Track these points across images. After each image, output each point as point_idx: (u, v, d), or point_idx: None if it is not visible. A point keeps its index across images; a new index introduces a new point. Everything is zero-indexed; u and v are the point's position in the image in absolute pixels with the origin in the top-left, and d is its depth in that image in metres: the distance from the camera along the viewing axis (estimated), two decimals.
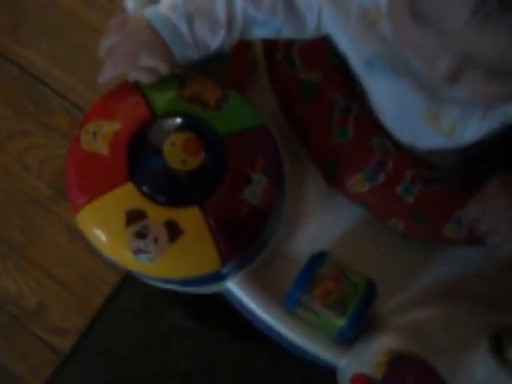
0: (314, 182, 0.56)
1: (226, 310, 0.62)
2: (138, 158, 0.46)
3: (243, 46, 0.52)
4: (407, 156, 0.51)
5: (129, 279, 0.85)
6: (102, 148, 0.46)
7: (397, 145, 0.52)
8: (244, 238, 0.48)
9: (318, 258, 0.52)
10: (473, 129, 0.49)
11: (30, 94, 0.98)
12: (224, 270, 0.50)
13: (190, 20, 0.48)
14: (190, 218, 0.46)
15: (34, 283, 0.88)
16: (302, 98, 0.53)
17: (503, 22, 0.34)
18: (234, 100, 0.50)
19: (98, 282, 0.87)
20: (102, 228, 0.46)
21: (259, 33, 0.50)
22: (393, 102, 0.50)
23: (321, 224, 0.55)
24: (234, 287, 0.54)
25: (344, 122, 0.52)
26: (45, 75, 0.98)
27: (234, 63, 0.56)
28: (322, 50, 0.52)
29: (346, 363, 0.52)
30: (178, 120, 0.47)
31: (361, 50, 0.46)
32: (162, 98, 0.48)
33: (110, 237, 0.46)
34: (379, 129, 0.52)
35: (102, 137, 0.46)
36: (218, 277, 0.51)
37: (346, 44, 0.47)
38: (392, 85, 0.47)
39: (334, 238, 0.55)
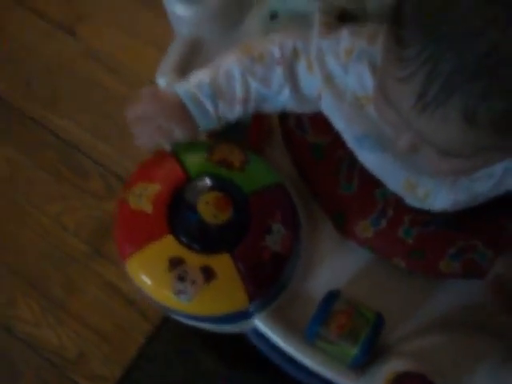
0: (326, 230, 0.64)
1: (257, 355, 0.68)
2: (177, 213, 0.55)
3: (260, 115, 0.62)
4: (405, 203, 0.60)
5: (162, 327, 0.93)
6: (146, 206, 0.55)
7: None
8: (268, 279, 0.56)
9: (332, 296, 0.60)
10: (442, 198, 0.57)
11: (67, 161, 1.08)
12: (251, 308, 0.57)
13: (214, 99, 0.57)
14: (222, 263, 0.54)
15: (74, 334, 0.96)
16: (312, 158, 0.62)
17: (437, 114, 0.41)
18: (255, 162, 0.59)
19: (132, 332, 0.94)
20: (148, 273, 0.55)
21: (268, 107, 0.59)
22: (379, 171, 0.58)
23: (333, 266, 0.63)
24: (261, 324, 0.62)
25: (350, 177, 0.61)
26: (79, 143, 1.08)
27: (253, 129, 0.65)
28: None
29: None
30: (209, 181, 0.56)
31: (352, 129, 0.55)
32: (195, 163, 0.58)
33: (155, 280, 0.54)
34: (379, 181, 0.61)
35: (146, 197, 0.55)
36: (246, 314, 0.59)
37: (340, 123, 0.56)
38: (377, 158, 0.56)
39: (345, 278, 0.63)
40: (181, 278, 0.54)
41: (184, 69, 0.68)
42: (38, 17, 1.19)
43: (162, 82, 0.69)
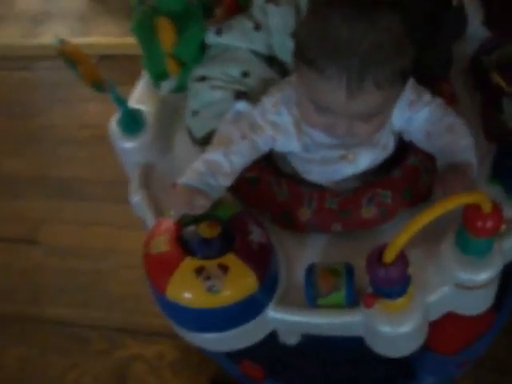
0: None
1: None
2: (186, 241, 0.79)
3: None
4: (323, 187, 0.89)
5: None
6: (163, 248, 0.79)
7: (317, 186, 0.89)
8: (264, 261, 0.80)
9: (310, 269, 0.83)
10: (365, 158, 0.87)
11: (68, 337, 1.26)
12: (262, 289, 0.79)
13: (215, 176, 0.82)
14: (230, 259, 0.78)
15: None
16: (249, 184, 0.90)
17: (359, 94, 0.74)
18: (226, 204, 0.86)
19: None
20: (184, 289, 0.76)
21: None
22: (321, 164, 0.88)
23: (303, 252, 0.88)
24: (273, 311, 0.83)
25: (280, 187, 0.89)
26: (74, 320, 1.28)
27: None
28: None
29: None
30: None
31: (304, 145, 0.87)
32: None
33: (190, 289, 0.76)
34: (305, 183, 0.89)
35: (161, 243, 0.79)
36: (261, 301, 0.81)
37: (292, 147, 0.87)
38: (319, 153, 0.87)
39: (315, 255, 0.87)
40: (207, 278, 0.76)
41: (147, 184, 0.96)
42: None
43: (135, 199, 0.96)
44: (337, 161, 0.88)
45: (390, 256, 0.69)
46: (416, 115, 0.85)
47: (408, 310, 0.79)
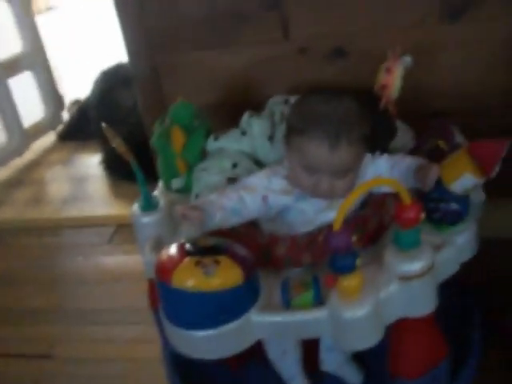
0: None
1: None
2: (189, 250, 1.03)
3: None
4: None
5: None
6: (171, 252, 1.03)
7: None
8: (248, 265, 1.03)
9: (284, 281, 1.06)
10: None
11: None
12: (247, 285, 1.01)
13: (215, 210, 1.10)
14: (222, 257, 1.01)
15: None
16: (237, 235, 1.16)
17: (336, 150, 1.07)
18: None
19: None
20: (186, 275, 0.99)
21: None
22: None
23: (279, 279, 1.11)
24: (256, 314, 1.03)
25: (261, 235, 1.15)
26: None
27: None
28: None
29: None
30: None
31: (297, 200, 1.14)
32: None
33: (191, 274, 0.98)
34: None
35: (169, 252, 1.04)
36: (245, 299, 1.02)
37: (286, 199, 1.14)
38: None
39: None
40: (204, 266, 0.99)
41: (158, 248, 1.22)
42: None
43: (147, 259, 1.21)
44: (325, 209, 1.14)
45: (337, 224, 0.94)
46: (378, 162, 1.18)
47: (362, 295, 1.00)
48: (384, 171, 1.17)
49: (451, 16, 1.51)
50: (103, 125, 1.18)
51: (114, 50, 2.61)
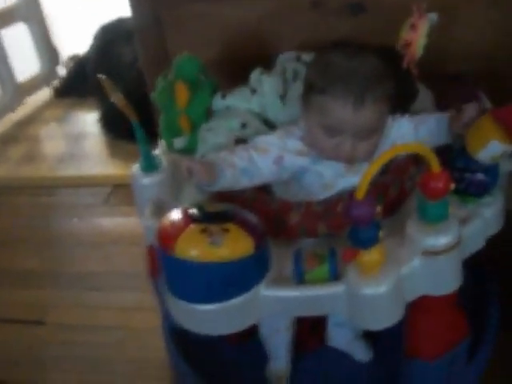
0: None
1: None
2: (194, 216, 0.94)
3: None
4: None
5: None
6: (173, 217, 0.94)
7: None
8: (259, 234, 0.94)
9: (297, 251, 0.97)
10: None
11: None
12: (257, 258, 0.93)
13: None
14: (231, 225, 0.92)
15: None
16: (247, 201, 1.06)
17: (362, 108, 0.99)
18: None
19: None
20: (191, 243, 0.90)
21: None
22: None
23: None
24: (265, 288, 0.95)
25: (273, 201, 1.06)
26: None
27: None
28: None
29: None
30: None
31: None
32: None
33: (197, 244, 0.90)
34: None
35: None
36: (254, 271, 0.93)
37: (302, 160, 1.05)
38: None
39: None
40: (210, 234, 0.90)
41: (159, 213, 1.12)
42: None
43: (148, 223, 1.11)
44: (344, 173, 1.05)
45: (360, 192, 0.85)
46: (400, 122, 1.09)
47: (383, 271, 0.91)
48: (407, 132, 1.08)
49: None
50: (101, 76, 1.07)
51: (115, 5, 2.47)
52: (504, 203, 1.06)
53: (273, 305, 0.96)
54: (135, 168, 1.19)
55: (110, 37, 2.47)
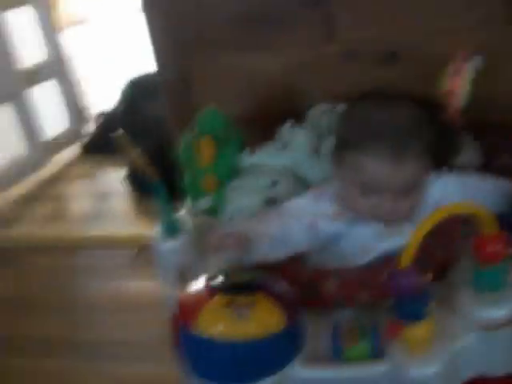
0: None
1: None
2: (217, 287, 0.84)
3: None
4: None
5: None
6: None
7: None
8: (290, 306, 0.84)
9: (336, 325, 0.87)
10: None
11: None
12: (287, 335, 0.82)
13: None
14: (259, 296, 0.82)
15: None
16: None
17: (400, 165, 0.90)
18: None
19: None
20: (214, 318, 0.80)
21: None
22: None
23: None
24: (299, 370, 0.84)
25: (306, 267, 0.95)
26: None
27: None
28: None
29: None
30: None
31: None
32: None
33: (221, 318, 0.80)
34: None
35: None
36: (284, 349, 0.83)
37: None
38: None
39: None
40: (236, 307, 0.80)
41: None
42: None
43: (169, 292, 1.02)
44: (385, 234, 0.95)
45: (407, 258, 0.74)
46: (446, 180, 1.00)
47: (433, 348, 0.80)
48: (453, 191, 0.98)
49: None
50: (118, 133, 1.00)
51: (143, 63, 2.45)
52: None
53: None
54: (156, 231, 1.11)
55: (138, 91, 2.45)
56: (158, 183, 1.04)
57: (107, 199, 2.34)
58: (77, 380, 1.47)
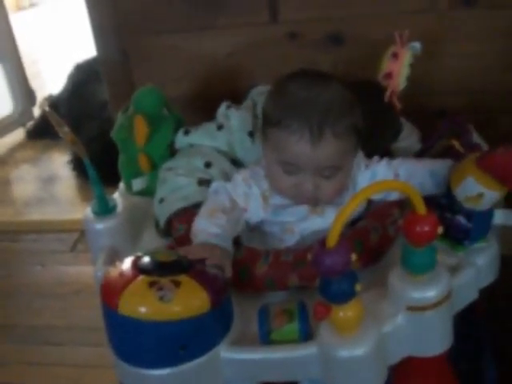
0: None
1: None
2: (143, 266, 0.81)
3: None
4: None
5: None
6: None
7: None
8: (217, 287, 0.81)
9: (263, 308, 0.84)
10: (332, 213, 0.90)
11: None
12: (214, 316, 0.79)
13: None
14: (184, 278, 0.79)
15: None
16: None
17: (320, 143, 0.88)
18: None
19: None
20: (137, 299, 0.77)
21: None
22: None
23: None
24: (225, 352, 0.82)
25: (238, 250, 0.92)
26: None
27: None
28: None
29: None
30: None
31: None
32: None
33: (144, 299, 0.77)
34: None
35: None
36: (211, 331, 0.80)
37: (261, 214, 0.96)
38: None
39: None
40: (160, 288, 0.77)
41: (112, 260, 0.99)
42: None
43: (99, 274, 0.98)
44: (307, 215, 0.94)
45: (332, 239, 0.72)
46: (376, 168, 0.97)
47: (362, 330, 0.78)
48: (383, 177, 0.97)
49: (466, 1, 1.30)
50: (46, 109, 0.96)
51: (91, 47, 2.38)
52: (499, 250, 0.94)
53: (235, 369, 0.83)
54: (88, 211, 1.07)
55: (84, 75, 2.38)
56: (88, 162, 1.00)
57: (51, 184, 2.27)
58: (5, 366, 1.42)
